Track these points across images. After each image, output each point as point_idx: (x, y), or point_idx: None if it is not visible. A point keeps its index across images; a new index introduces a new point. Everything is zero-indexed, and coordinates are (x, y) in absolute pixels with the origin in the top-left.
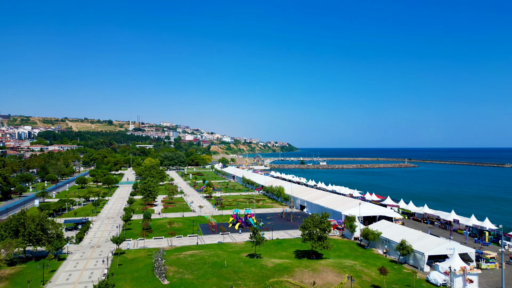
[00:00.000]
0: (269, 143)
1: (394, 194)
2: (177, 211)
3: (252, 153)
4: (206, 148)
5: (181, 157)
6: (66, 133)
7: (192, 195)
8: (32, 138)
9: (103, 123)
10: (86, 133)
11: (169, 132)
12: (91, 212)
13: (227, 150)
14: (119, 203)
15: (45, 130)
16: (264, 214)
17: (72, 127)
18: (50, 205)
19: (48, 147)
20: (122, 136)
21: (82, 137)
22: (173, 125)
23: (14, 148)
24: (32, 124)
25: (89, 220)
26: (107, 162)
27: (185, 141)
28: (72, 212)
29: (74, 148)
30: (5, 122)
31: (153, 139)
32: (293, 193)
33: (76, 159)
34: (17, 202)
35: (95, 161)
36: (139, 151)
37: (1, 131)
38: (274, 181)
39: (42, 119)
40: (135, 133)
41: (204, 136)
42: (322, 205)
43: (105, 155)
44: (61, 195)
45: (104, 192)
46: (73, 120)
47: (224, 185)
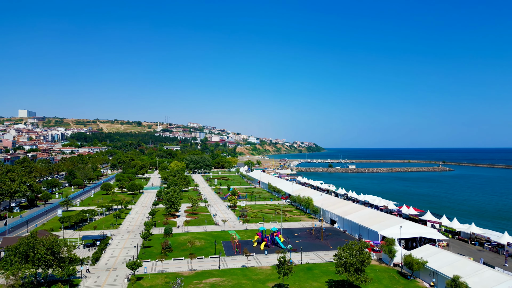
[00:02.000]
0: (295, 143)
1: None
2: (200, 224)
3: (278, 153)
4: (232, 149)
5: (206, 161)
6: (96, 134)
7: (216, 203)
8: (64, 140)
9: (132, 124)
10: (115, 135)
11: (196, 133)
12: (110, 226)
13: (253, 151)
14: (141, 213)
15: (77, 132)
16: (291, 230)
17: (103, 128)
18: (70, 217)
19: (78, 149)
20: (150, 137)
21: (111, 139)
22: (200, 125)
23: (46, 150)
24: (66, 126)
25: (108, 235)
26: (134, 165)
27: (211, 142)
28: (92, 224)
29: (103, 150)
30: (41, 124)
31: (180, 141)
32: (322, 205)
33: (104, 161)
34: (42, 210)
35: (122, 164)
36: (166, 153)
37: (35, 133)
38: (302, 189)
39: (75, 121)
40: (163, 134)
41: (230, 137)
42: (356, 221)
43: (133, 158)
44: (85, 202)
45: (127, 201)
46: (104, 121)
47: (249, 192)
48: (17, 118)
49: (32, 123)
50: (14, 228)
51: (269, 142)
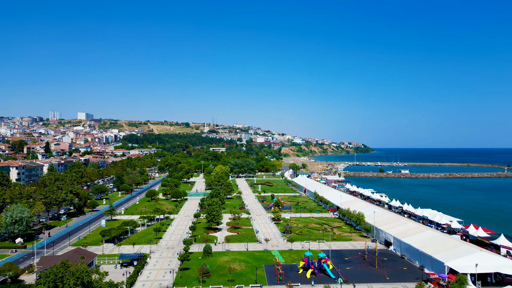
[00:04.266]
0: (342, 144)
1: (509, 226)
2: (242, 241)
3: (324, 155)
4: (277, 150)
5: (250, 164)
6: (147, 136)
7: (259, 214)
8: (117, 141)
9: (181, 125)
10: (165, 136)
11: (241, 134)
12: (149, 241)
13: (298, 152)
14: (183, 224)
15: (129, 133)
16: (341, 252)
17: (153, 129)
18: (111, 230)
19: (129, 151)
20: (198, 138)
21: (160, 140)
22: (245, 126)
23: (100, 152)
24: (119, 127)
25: (147, 252)
26: (180, 168)
27: (256, 143)
28: (132, 238)
29: (152, 152)
30: (97, 126)
31: (225, 142)
32: (376, 223)
33: (153, 163)
34: (88, 218)
35: (169, 167)
36: (211, 155)
37: (91, 135)
38: (352, 201)
39: (128, 122)
40: (209, 135)
41: (275, 138)
42: (416, 246)
43: (179, 161)
44: (129, 210)
45: (169, 212)
46: (154, 122)
47: (294, 202)
48: (76, 120)
49: (89, 125)
50: (57, 240)
51: (314, 142)
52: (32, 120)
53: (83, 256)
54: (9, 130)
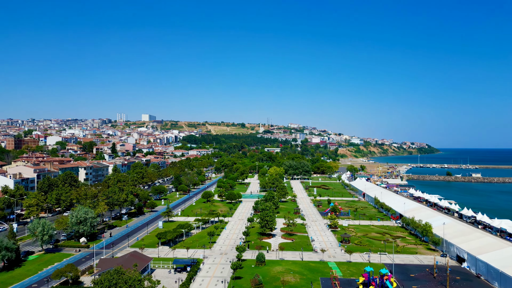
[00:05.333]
0: (404, 144)
1: None
2: (296, 249)
3: (384, 156)
4: (333, 151)
5: (305, 166)
6: (205, 136)
7: (315, 220)
8: (177, 142)
9: (237, 126)
10: (221, 136)
11: (296, 134)
12: (203, 246)
13: (356, 153)
14: (237, 228)
15: (188, 134)
16: (406, 267)
17: (211, 130)
18: (167, 233)
19: (188, 152)
20: (253, 138)
21: (217, 141)
22: (300, 126)
23: (161, 153)
24: (179, 128)
25: (200, 258)
26: (236, 169)
27: (311, 143)
28: (187, 241)
29: (210, 152)
30: (159, 127)
31: (280, 143)
32: (446, 235)
33: (209, 164)
34: (147, 219)
35: (225, 167)
36: (266, 156)
37: (153, 136)
38: (416, 209)
39: (187, 123)
40: (264, 135)
41: (331, 138)
42: (496, 266)
43: (235, 161)
44: (186, 212)
45: (224, 215)
46: (212, 123)
47: (352, 207)
48: (140, 122)
49: (152, 126)
50: (117, 241)
51: (374, 143)
52: (102, 122)
53: (136, 264)
54: (82, 131)
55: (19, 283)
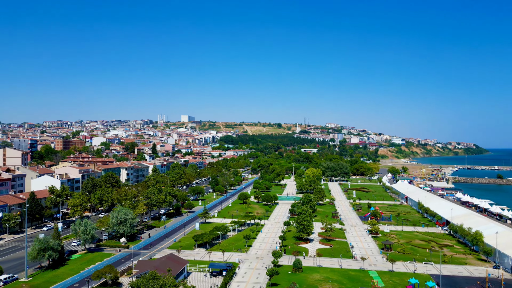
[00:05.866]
0: (450, 144)
1: None
2: (334, 256)
3: (427, 156)
4: (373, 151)
5: (344, 168)
6: (241, 136)
7: (354, 225)
8: (215, 142)
9: (273, 126)
10: (258, 137)
11: (334, 134)
12: (238, 250)
13: (397, 153)
14: (273, 231)
15: (226, 135)
16: (454, 279)
17: (248, 130)
18: (203, 235)
19: (225, 152)
20: (289, 139)
21: (254, 141)
22: (338, 126)
23: (199, 153)
24: (217, 129)
25: (236, 262)
26: (272, 170)
27: (350, 144)
28: (223, 243)
29: (246, 153)
30: (197, 127)
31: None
32: (499, 245)
33: (246, 164)
34: (184, 220)
35: (261, 168)
36: (302, 157)
37: (192, 136)
38: (465, 215)
39: (225, 124)
40: (301, 135)
41: (371, 138)
42: None
43: (271, 162)
44: (222, 213)
45: (260, 218)
46: (248, 124)
47: (394, 212)
48: (180, 123)
49: (190, 127)
50: (155, 242)
51: (416, 143)
52: (143, 123)
53: (170, 269)
54: (125, 132)
55: (62, 282)
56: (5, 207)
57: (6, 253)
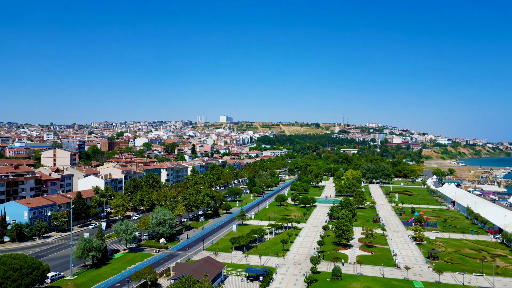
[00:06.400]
0: (501, 144)
1: None
2: (376, 263)
3: (476, 157)
4: (417, 152)
5: (385, 169)
6: (278, 137)
7: (397, 231)
8: (252, 142)
9: (311, 126)
10: (295, 137)
11: (375, 134)
12: (275, 254)
13: (443, 154)
14: (311, 236)
15: (263, 135)
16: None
17: (285, 130)
18: (240, 238)
19: (262, 152)
20: (328, 139)
21: (291, 141)
22: (379, 125)
23: (236, 153)
24: (254, 129)
25: (273, 267)
26: (310, 171)
27: (392, 144)
28: (260, 247)
29: (283, 153)
30: (235, 128)
31: (357, 144)
32: None
33: (283, 165)
34: (222, 221)
35: (299, 169)
36: (341, 158)
37: (230, 137)
38: None
39: (262, 124)
40: (340, 135)
41: (415, 138)
42: None
43: (309, 163)
44: (259, 215)
45: (297, 221)
46: (286, 124)
47: (440, 217)
48: (218, 123)
49: (229, 127)
50: (193, 243)
51: (464, 143)
52: (183, 123)
53: (206, 274)
54: (166, 133)
55: (104, 281)
56: (53, 206)
57: (54, 250)
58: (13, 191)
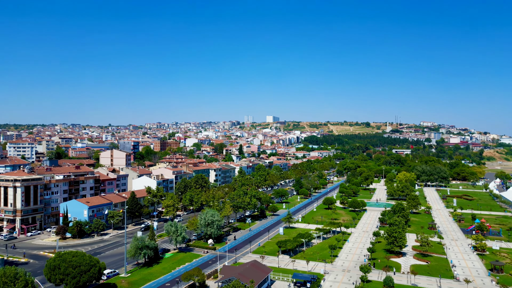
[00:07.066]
0: None
1: None
2: (432, 274)
3: None
4: (477, 153)
5: (442, 172)
6: (326, 137)
7: (455, 239)
8: (299, 143)
9: (361, 125)
10: (344, 137)
11: (430, 134)
12: (323, 260)
13: (507, 155)
14: (361, 242)
15: (310, 135)
16: None
17: (333, 130)
18: (287, 242)
19: (309, 153)
20: (379, 139)
21: (340, 141)
22: (435, 124)
23: (283, 154)
24: (301, 129)
25: (321, 273)
26: (360, 173)
27: (449, 144)
28: (307, 252)
29: (331, 154)
30: (282, 128)
31: (411, 144)
32: None
33: (331, 166)
34: (268, 223)
35: (348, 170)
36: (394, 159)
37: (276, 137)
38: None
39: (309, 124)
40: (392, 135)
41: (475, 138)
42: None
43: (358, 164)
44: (306, 218)
45: (346, 226)
46: (334, 123)
47: (505, 225)
48: (265, 123)
49: (275, 127)
50: (240, 245)
51: None
52: (231, 124)
53: (253, 281)
54: (214, 133)
55: (156, 280)
56: (110, 204)
57: (110, 247)
58: (74, 190)
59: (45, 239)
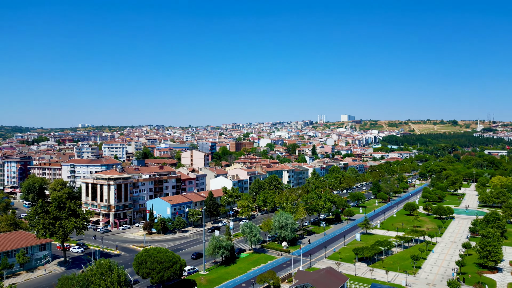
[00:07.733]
0: None
1: None
2: None
3: None
4: None
5: None
6: (407, 136)
7: None
8: (377, 143)
9: (447, 123)
10: (427, 136)
11: None
12: (404, 272)
13: None
14: (448, 253)
15: (389, 134)
16: None
17: (414, 129)
18: (364, 250)
19: (388, 154)
20: (468, 138)
21: (422, 141)
22: None
23: (359, 155)
24: (379, 128)
25: (402, 286)
26: (446, 176)
27: None
28: (386, 261)
29: (413, 155)
30: (358, 127)
31: (507, 145)
32: None
33: (413, 168)
34: (343, 228)
35: (432, 173)
36: (486, 161)
37: (351, 137)
38: None
39: (387, 122)
40: (483, 134)
41: None
42: None
43: (444, 167)
44: (386, 224)
45: (430, 235)
46: (415, 122)
47: None
48: (339, 123)
49: (350, 126)
50: (314, 250)
51: None
52: (304, 123)
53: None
54: (287, 133)
55: (232, 279)
56: (190, 203)
57: (190, 244)
58: (158, 188)
59: (134, 233)
